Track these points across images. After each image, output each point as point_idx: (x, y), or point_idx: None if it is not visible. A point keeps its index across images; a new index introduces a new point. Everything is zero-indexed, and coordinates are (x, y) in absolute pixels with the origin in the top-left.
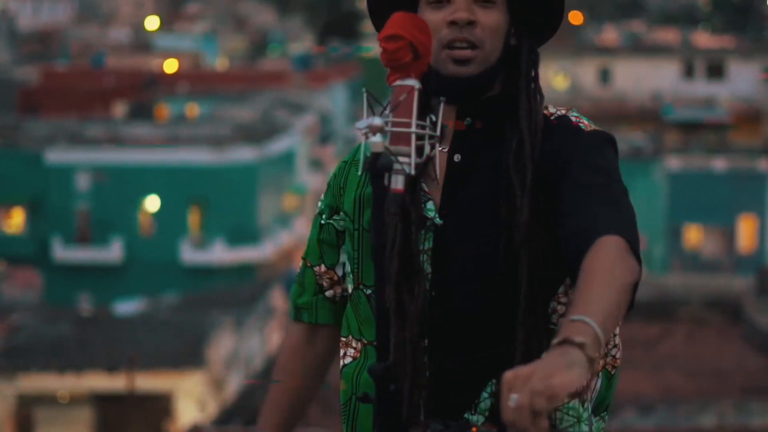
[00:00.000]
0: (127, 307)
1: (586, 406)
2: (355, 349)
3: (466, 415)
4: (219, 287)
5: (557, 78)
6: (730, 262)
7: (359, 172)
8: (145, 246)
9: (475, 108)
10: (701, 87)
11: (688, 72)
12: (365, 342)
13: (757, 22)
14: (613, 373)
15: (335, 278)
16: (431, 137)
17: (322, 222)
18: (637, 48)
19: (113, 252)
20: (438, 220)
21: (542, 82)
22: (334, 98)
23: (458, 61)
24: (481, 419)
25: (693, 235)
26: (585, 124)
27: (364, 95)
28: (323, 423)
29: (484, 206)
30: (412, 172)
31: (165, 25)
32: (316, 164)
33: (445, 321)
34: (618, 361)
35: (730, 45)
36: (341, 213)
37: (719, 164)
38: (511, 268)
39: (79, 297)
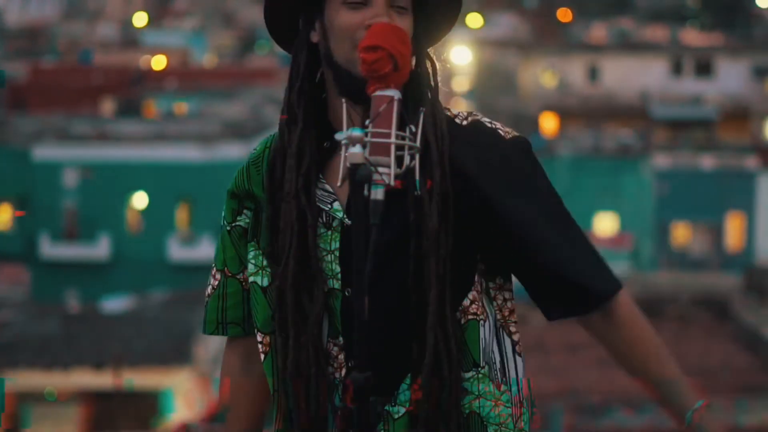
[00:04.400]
0: (114, 304)
1: (504, 383)
2: (262, 343)
3: (386, 407)
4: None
5: (545, 75)
6: (718, 260)
7: (339, 184)
8: (132, 243)
9: None
10: (689, 84)
11: (677, 69)
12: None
13: (745, 20)
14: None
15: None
16: (411, 148)
17: (229, 229)
18: (626, 45)
19: (101, 249)
20: (347, 220)
21: (531, 80)
22: None
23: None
24: (402, 410)
25: (681, 233)
26: (499, 126)
27: (344, 106)
28: None
29: (391, 208)
30: (392, 182)
31: (153, 21)
32: None
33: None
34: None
35: (719, 43)
36: (246, 210)
37: (707, 162)
38: (420, 271)
39: (67, 294)
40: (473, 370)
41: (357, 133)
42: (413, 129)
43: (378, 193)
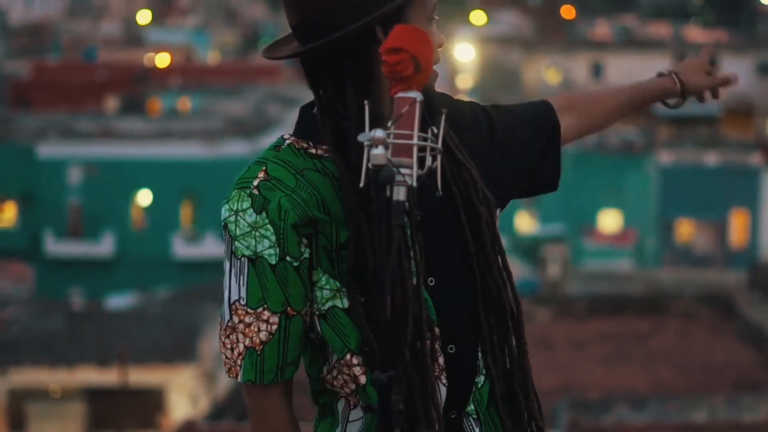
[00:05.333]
0: (119, 301)
1: None
2: (359, 365)
3: (475, 380)
4: (211, 281)
5: (549, 72)
6: (722, 256)
7: (361, 184)
8: (137, 240)
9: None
10: None
11: None
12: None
13: (749, 17)
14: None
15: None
16: (433, 149)
17: (297, 264)
18: (629, 42)
19: (105, 246)
20: (420, 213)
21: (534, 77)
22: None
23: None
24: (483, 378)
25: (685, 230)
26: (475, 102)
27: (366, 108)
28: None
29: (450, 211)
30: (414, 183)
31: (157, 18)
32: None
33: (447, 305)
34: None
35: (722, 39)
36: (304, 239)
37: (711, 158)
38: (480, 239)
39: (71, 291)
40: None
41: (379, 134)
42: (435, 130)
43: (400, 194)
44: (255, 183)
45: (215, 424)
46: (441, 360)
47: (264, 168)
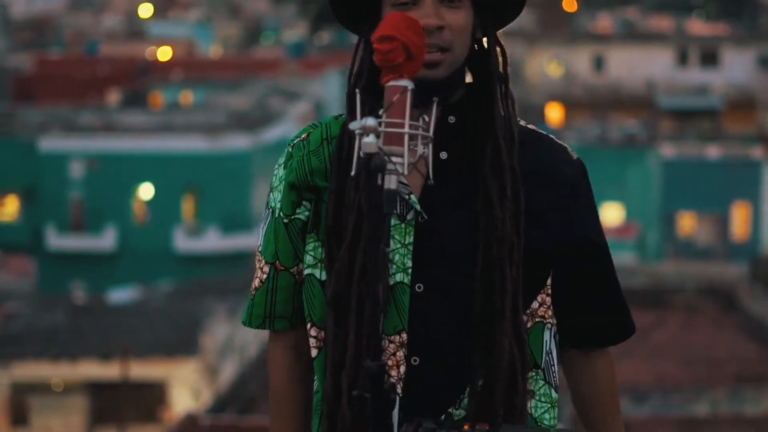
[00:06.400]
0: (121, 295)
1: (555, 387)
2: (316, 338)
3: (450, 410)
4: (213, 275)
5: (551, 65)
6: (724, 249)
7: (353, 173)
8: (139, 234)
9: (455, 106)
10: (695, 74)
11: (682, 59)
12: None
13: (751, 10)
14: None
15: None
16: (424, 137)
17: (286, 221)
18: (632, 35)
19: (107, 240)
20: (425, 216)
21: (536, 70)
22: (329, 86)
23: (427, 64)
24: (463, 413)
25: (687, 223)
26: (568, 148)
27: (357, 96)
28: None
29: (465, 208)
30: (406, 172)
31: (159, 12)
32: None
33: (428, 316)
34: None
35: (725, 32)
36: (305, 202)
37: (713, 152)
38: (489, 275)
39: (73, 285)
40: (533, 371)
41: (371, 122)
42: (426, 119)
43: (392, 182)
44: (294, 142)
45: (217, 418)
46: (402, 369)
47: (309, 131)
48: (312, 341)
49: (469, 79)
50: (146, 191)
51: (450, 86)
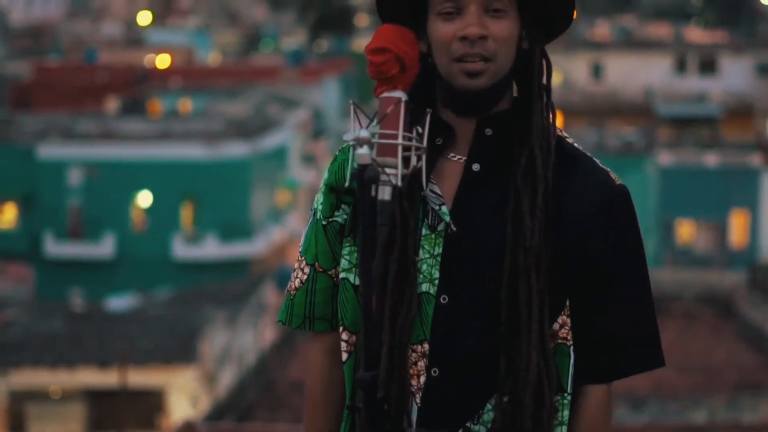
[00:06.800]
0: (119, 302)
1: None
2: (347, 342)
3: (468, 424)
4: (211, 282)
5: None
6: (723, 257)
7: (346, 184)
8: (137, 241)
9: (493, 119)
10: (693, 82)
11: (681, 67)
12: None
13: (749, 17)
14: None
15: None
16: (418, 149)
17: (325, 224)
18: (630, 43)
19: (105, 247)
20: (453, 228)
21: None
22: (327, 93)
23: (470, 74)
24: (483, 430)
25: (685, 230)
26: (610, 173)
27: (351, 107)
28: None
29: (496, 220)
30: (399, 183)
31: (157, 20)
32: (309, 159)
33: (451, 327)
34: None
35: (723, 40)
36: (344, 205)
37: (711, 159)
38: (515, 286)
39: (72, 292)
40: (559, 394)
41: (364, 134)
42: (420, 130)
43: (385, 194)
44: (343, 146)
45: (215, 425)
46: (422, 379)
47: None
48: (343, 345)
49: (516, 93)
50: (145, 198)
51: (493, 97)
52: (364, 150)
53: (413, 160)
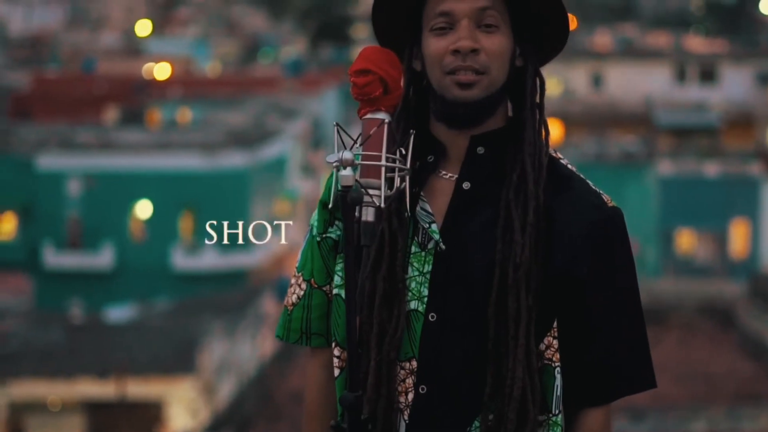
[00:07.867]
0: (118, 313)
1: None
2: (339, 358)
3: None
4: (210, 293)
5: (549, 83)
6: (723, 267)
7: (330, 206)
8: (136, 252)
9: (485, 137)
10: (693, 91)
11: (680, 76)
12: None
13: (749, 27)
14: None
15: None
16: (401, 170)
17: (319, 240)
18: (630, 52)
19: (104, 258)
20: (442, 246)
21: None
22: (326, 103)
23: (462, 84)
24: None
25: (685, 240)
26: (603, 195)
27: (335, 129)
28: None
29: (486, 238)
30: (382, 204)
31: (156, 29)
32: (308, 170)
33: (439, 345)
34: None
35: (723, 49)
36: (337, 221)
37: (711, 169)
38: (503, 302)
39: (70, 303)
40: (544, 414)
41: (347, 155)
42: (403, 152)
43: (369, 215)
44: None
45: None
46: (410, 396)
47: None
48: (335, 361)
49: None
50: (144, 209)
51: (485, 109)
52: (347, 171)
53: (397, 182)
